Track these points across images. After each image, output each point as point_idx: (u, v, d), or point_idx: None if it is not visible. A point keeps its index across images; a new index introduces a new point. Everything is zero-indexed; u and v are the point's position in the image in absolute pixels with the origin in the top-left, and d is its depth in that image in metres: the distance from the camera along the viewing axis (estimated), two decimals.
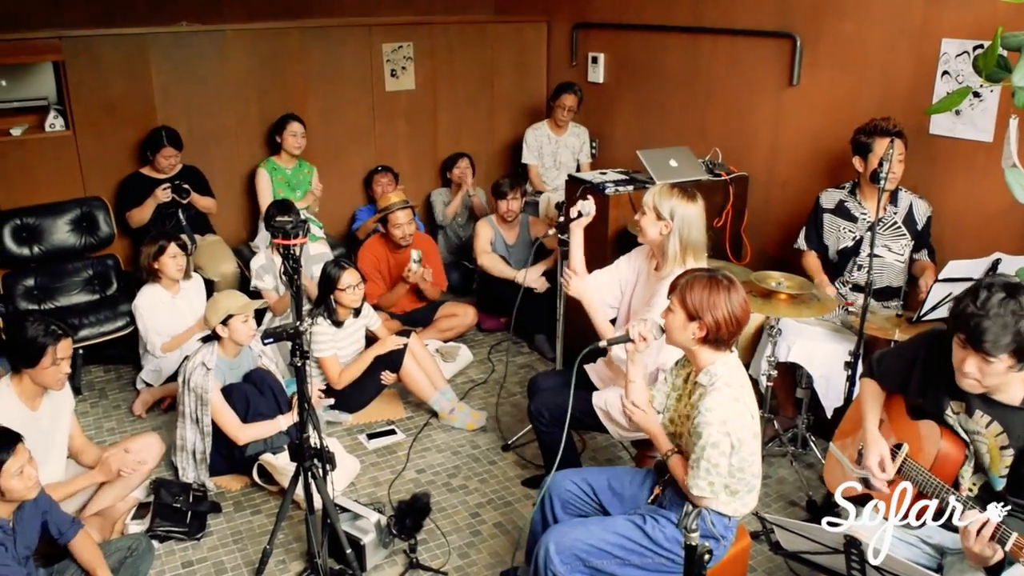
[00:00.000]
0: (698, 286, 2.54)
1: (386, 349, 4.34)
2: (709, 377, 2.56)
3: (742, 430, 2.48)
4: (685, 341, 2.59)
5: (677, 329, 2.58)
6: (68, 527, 2.93)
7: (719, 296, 2.51)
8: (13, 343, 3.15)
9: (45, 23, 5.28)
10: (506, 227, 5.52)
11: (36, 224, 4.99)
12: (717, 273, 2.58)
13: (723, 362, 2.57)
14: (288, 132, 5.52)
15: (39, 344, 3.09)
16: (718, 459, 2.47)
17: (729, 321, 2.51)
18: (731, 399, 2.49)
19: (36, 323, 3.15)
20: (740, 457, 2.50)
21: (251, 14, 5.98)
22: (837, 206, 4.06)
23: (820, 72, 4.53)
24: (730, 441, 2.46)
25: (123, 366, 5.07)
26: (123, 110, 5.26)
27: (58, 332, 3.14)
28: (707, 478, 2.50)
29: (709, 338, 2.54)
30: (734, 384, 2.53)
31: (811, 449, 4.00)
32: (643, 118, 5.82)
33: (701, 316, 2.51)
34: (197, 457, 3.81)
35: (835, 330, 3.94)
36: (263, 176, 5.57)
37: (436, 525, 3.60)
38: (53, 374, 3.16)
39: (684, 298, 2.54)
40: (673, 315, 2.58)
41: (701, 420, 2.47)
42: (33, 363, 3.12)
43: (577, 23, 6.24)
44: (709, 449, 2.46)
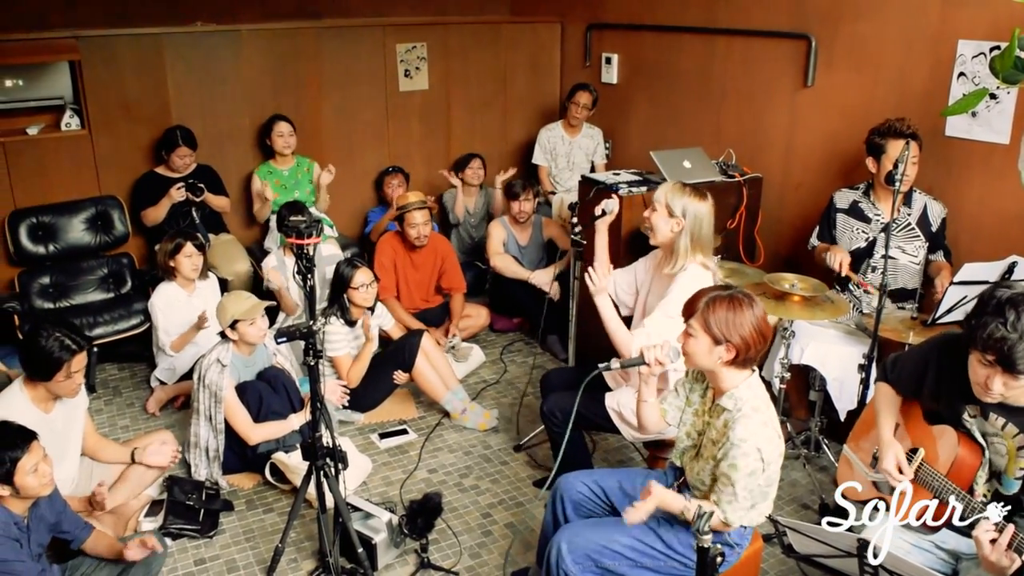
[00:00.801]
0: (721, 307, 2.44)
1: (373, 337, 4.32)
2: (735, 402, 2.49)
3: (772, 452, 2.45)
4: (710, 364, 2.49)
5: (702, 354, 2.48)
6: (80, 530, 2.95)
7: (743, 315, 2.43)
8: (27, 355, 3.14)
9: (62, 23, 5.32)
10: (519, 228, 5.51)
11: (52, 223, 5.03)
12: (736, 291, 2.50)
13: (747, 385, 2.50)
14: (275, 133, 5.51)
15: (55, 359, 3.08)
16: (752, 485, 2.44)
17: (757, 339, 2.44)
18: (760, 424, 2.43)
19: (52, 336, 3.09)
20: (767, 476, 2.47)
21: (266, 14, 6.00)
22: (851, 206, 4.04)
23: (835, 73, 4.50)
24: (763, 466, 2.43)
25: (137, 364, 5.10)
26: (138, 109, 5.28)
27: (73, 347, 3.12)
28: (743, 506, 2.46)
29: (738, 360, 2.46)
30: (761, 407, 2.47)
31: (824, 452, 3.98)
32: (657, 119, 5.81)
33: (728, 338, 2.42)
34: (210, 455, 3.83)
35: (849, 332, 3.92)
36: (255, 182, 5.59)
37: (447, 525, 3.60)
38: (67, 386, 3.16)
39: (707, 322, 2.44)
40: (695, 340, 2.48)
41: (736, 452, 2.40)
42: (48, 377, 3.11)
43: (591, 24, 6.24)
44: (746, 479, 2.41)
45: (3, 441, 2.60)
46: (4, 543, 2.58)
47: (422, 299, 5.26)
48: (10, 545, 2.59)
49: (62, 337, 3.10)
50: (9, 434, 2.64)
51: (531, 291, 5.29)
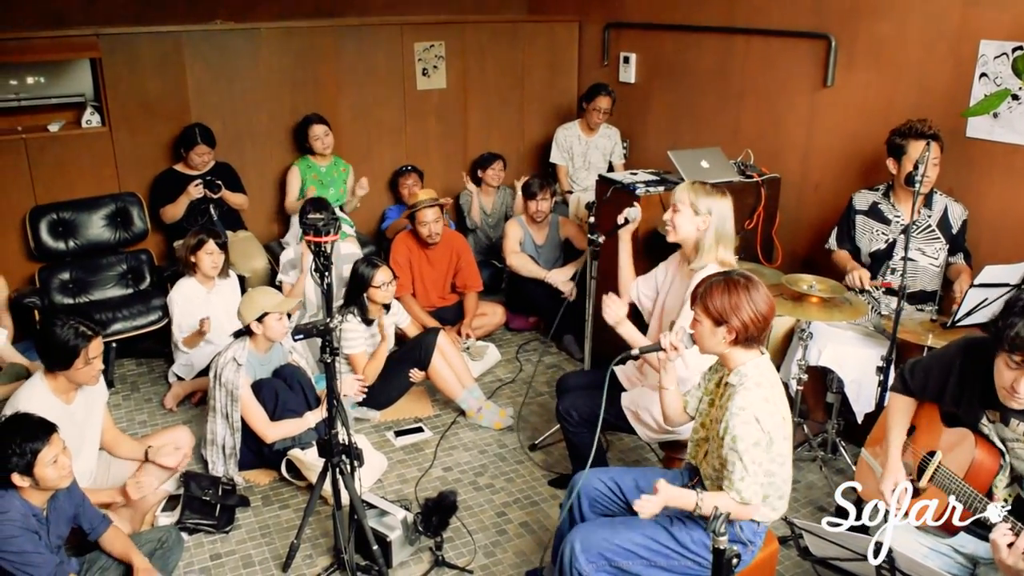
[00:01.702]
0: (717, 291, 2.52)
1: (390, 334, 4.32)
2: (739, 377, 2.53)
3: (774, 429, 2.45)
4: (717, 347, 2.57)
5: (707, 337, 2.57)
6: (99, 523, 2.97)
7: (740, 296, 2.49)
8: (45, 347, 3.18)
9: (83, 21, 5.36)
10: (535, 227, 5.51)
11: (72, 219, 5.07)
12: (732, 273, 2.57)
13: (754, 364, 2.55)
14: (312, 136, 5.56)
15: (71, 347, 3.12)
16: (760, 457, 2.43)
17: (756, 319, 2.49)
18: (761, 399, 2.46)
19: (65, 326, 3.15)
20: (770, 458, 2.47)
21: (285, 13, 6.03)
22: (870, 208, 4.02)
23: (855, 73, 4.48)
24: (766, 436, 2.43)
25: (155, 360, 5.14)
26: (158, 107, 5.32)
27: (88, 333, 3.16)
28: (756, 480, 2.44)
29: (739, 339, 2.52)
30: (764, 384, 2.50)
31: (841, 454, 3.96)
32: (674, 118, 5.80)
33: (727, 320, 2.49)
34: (227, 451, 3.85)
35: (867, 334, 3.89)
36: (294, 173, 5.63)
37: (462, 523, 3.61)
38: (87, 373, 3.20)
39: (706, 306, 2.53)
40: (700, 325, 2.57)
41: (735, 421, 2.43)
42: (67, 365, 3.15)
43: (609, 23, 6.23)
44: (752, 450, 2.42)
45: (24, 433, 2.63)
46: (23, 535, 2.60)
47: (438, 296, 5.27)
48: (28, 537, 2.62)
49: (76, 325, 3.15)
50: (30, 426, 2.67)
51: (547, 290, 5.29)
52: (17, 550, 2.58)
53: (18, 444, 2.59)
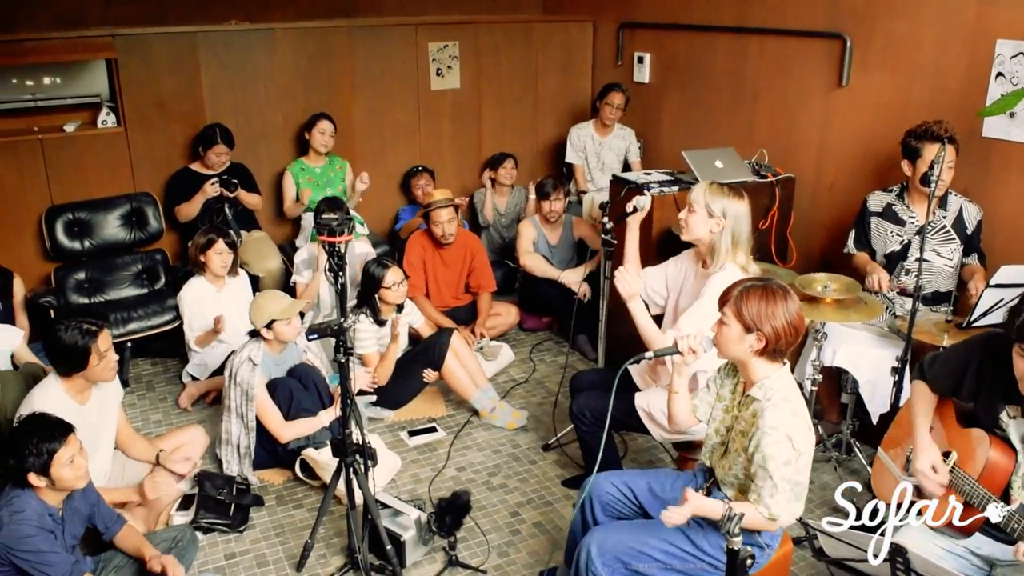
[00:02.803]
0: (753, 297, 2.45)
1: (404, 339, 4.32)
2: (764, 392, 2.48)
3: (803, 442, 2.42)
4: (741, 354, 2.51)
5: (732, 342, 2.50)
6: (113, 522, 2.99)
7: (776, 306, 2.44)
8: (55, 355, 3.18)
9: (99, 22, 5.39)
10: (549, 227, 5.51)
11: (87, 219, 5.10)
12: (771, 283, 2.50)
13: (778, 376, 2.50)
14: (317, 130, 5.56)
15: (81, 347, 3.12)
16: (790, 474, 2.41)
17: (788, 331, 2.44)
18: (790, 414, 2.42)
19: (69, 328, 3.14)
20: (796, 468, 2.45)
21: (299, 13, 6.05)
22: (885, 209, 4.00)
23: (870, 73, 4.46)
24: (796, 455, 2.40)
25: (170, 359, 5.17)
26: (173, 107, 5.34)
27: (93, 328, 3.17)
28: (785, 496, 2.41)
29: (767, 350, 2.46)
30: (791, 398, 2.47)
31: (856, 455, 3.94)
32: (689, 118, 5.78)
33: (759, 327, 2.43)
34: (241, 451, 3.86)
35: (882, 335, 3.88)
36: (287, 179, 5.63)
37: (476, 523, 3.61)
38: (104, 368, 3.21)
39: (739, 310, 2.46)
40: (728, 328, 2.50)
41: (767, 440, 2.39)
42: (82, 366, 3.16)
43: (623, 23, 6.22)
44: (783, 468, 2.39)
45: (41, 433, 2.64)
46: (39, 534, 2.62)
47: (452, 296, 5.28)
48: (44, 536, 2.63)
49: (79, 324, 3.16)
50: (47, 426, 2.69)
51: (561, 290, 5.29)
52: (33, 549, 2.60)
53: (35, 444, 2.61)
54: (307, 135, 5.59)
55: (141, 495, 3.32)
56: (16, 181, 4.99)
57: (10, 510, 2.63)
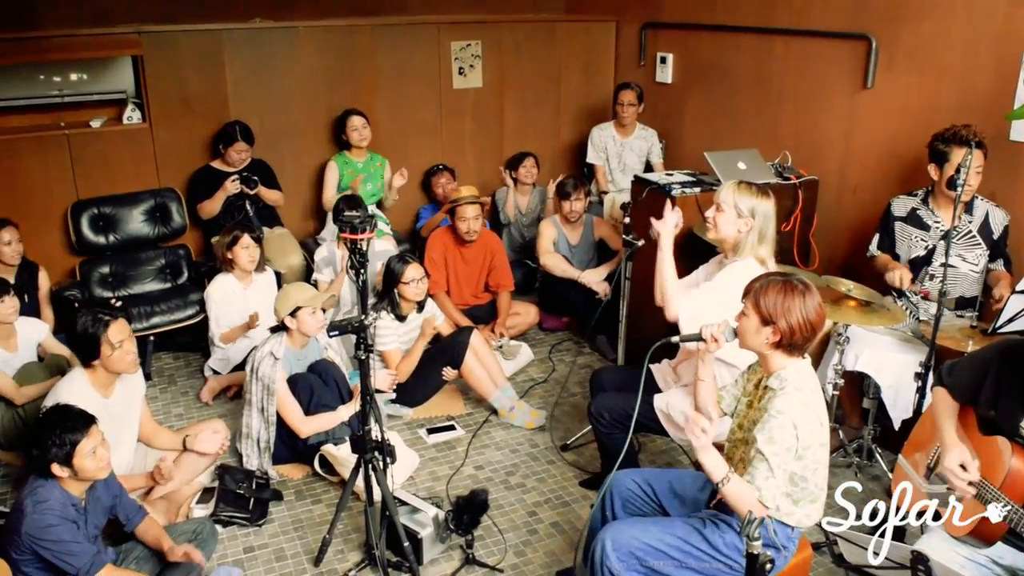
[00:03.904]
0: (772, 290, 2.48)
1: (428, 335, 4.36)
2: (779, 381, 2.51)
3: (809, 436, 2.42)
4: (758, 345, 2.54)
5: (750, 333, 2.53)
6: (135, 513, 3.02)
7: (793, 301, 2.46)
8: (73, 342, 3.27)
9: (125, 19, 5.44)
10: (570, 227, 5.50)
11: (112, 214, 5.15)
12: (792, 277, 2.52)
13: (795, 368, 2.52)
14: (350, 127, 5.60)
15: (91, 336, 3.20)
16: (788, 463, 2.41)
17: (803, 327, 2.46)
18: (801, 404, 2.44)
19: (83, 316, 3.24)
20: (803, 464, 2.45)
21: (323, 11, 6.08)
22: (909, 214, 3.96)
23: (896, 75, 4.42)
24: (797, 447, 2.41)
25: (192, 353, 5.21)
26: (197, 104, 5.38)
27: (104, 318, 3.24)
28: (778, 484, 2.42)
29: (783, 343, 2.49)
30: (804, 389, 2.48)
31: (877, 461, 3.90)
32: (711, 119, 5.76)
33: (775, 321, 2.46)
34: (261, 445, 3.89)
35: (905, 340, 3.84)
36: (332, 169, 5.67)
37: (493, 522, 3.61)
38: (120, 359, 3.25)
39: (758, 302, 2.49)
40: (747, 319, 2.54)
41: (773, 423, 2.41)
42: (96, 354, 3.22)
43: (646, 23, 6.20)
44: (783, 454, 2.40)
45: (64, 423, 2.68)
46: (62, 524, 2.65)
47: (471, 295, 5.29)
48: (67, 526, 2.66)
49: (92, 313, 3.25)
50: (70, 417, 2.72)
51: (581, 290, 5.28)
52: (56, 539, 2.63)
53: (58, 435, 2.64)
54: (344, 136, 5.63)
55: (156, 474, 3.36)
56: (43, 175, 5.04)
57: (34, 499, 2.66)
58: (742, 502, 2.43)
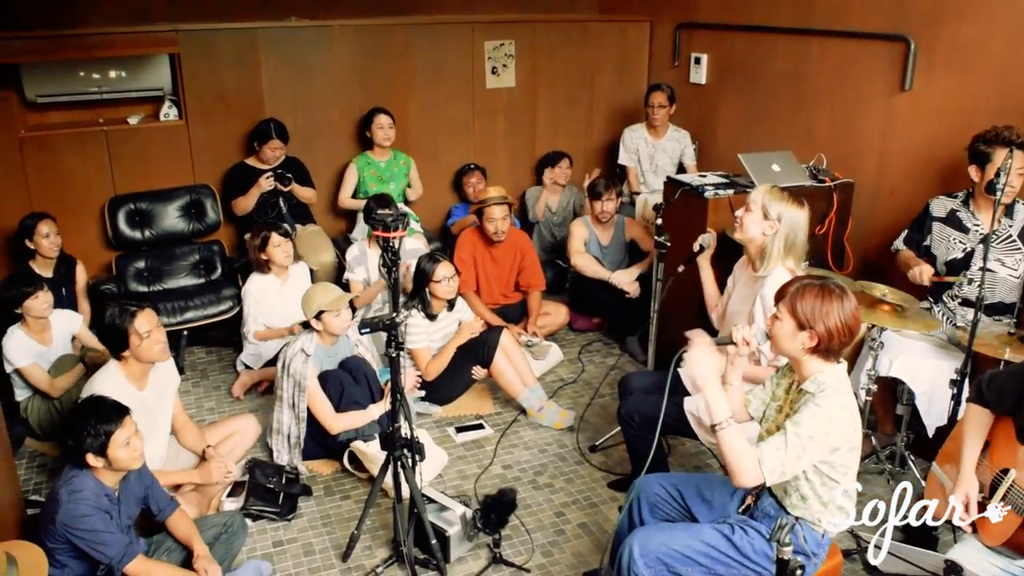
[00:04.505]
0: (809, 294, 2.44)
1: (464, 339, 4.37)
2: (817, 385, 2.47)
3: (840, 438, 2.39)
4: (793, 350, 2.50)
5: (785, 337, 2.49)
6: (166, 504, 3.06)
7: (831, 305, 2.42)
8: (103, 334, 3.33)
9: (163, 17, 5.51)
10: (601, 228, 5.48)
11: (148, 209, 5.22)
12: (829, 281, 2.49)
13: (832, 372, 2.48)
14: (376, 125, 5.61)
15: (119, 327, 3.26)
16: (805, 451, 2.36)
17: (841, 331, 2.42)
18: (841, 405, 2.41)
19: (112, 308, 3.31)
20: (831, 467, 2.42)
21: (357, 10, 6.10)
22: (948, 215, 3.90)
23: (935, 77, 4.35)
24: (824, 443, 2.37)
25: (224, 348, 5.26)
26: (233, 101, 5.44)
27: (131, 308, 3.29)
28: (783, 462, 2.36)
29: (820, 348, 2.45)
30: (843, 392, 2.45)
31: (910, 469, 3.85)
32: (746, 121, 5.71)
33: (812, 325, 2.42)
34: (291, 441, 3.91)
35: (941, 346, 3.79)
36: (351, 171, 5.69)
37: (521, 522, 3.61)
38: (148, 348, 3.30)
39: (794, 306, 2.45)
40: (781, 323, 2.49)
41: (807, 411, 2.38)
42: (124, 345, 3.28)
43: (681, 23, 6.16)
44: (805, 439, 2.36)
45: (98, 415, 2.72)
46: (95, 514, 2.69)
47: (501, 294, 5.29)
48: (100, 516, 2.71)
49: (120, 305, 3.32)
50: (104, 408, 2.76)
51: (611, 291, 5.26)
52: (89, 528, 2.67)
53: (92, 425, 2.69)
54: (368, 133, 5.65)
55: (201, 477, 3.41)
56: (81, 171, 5.13)
57: (68, 489, 2.70)
58: (735, 456, 2.38)
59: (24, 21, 5.16)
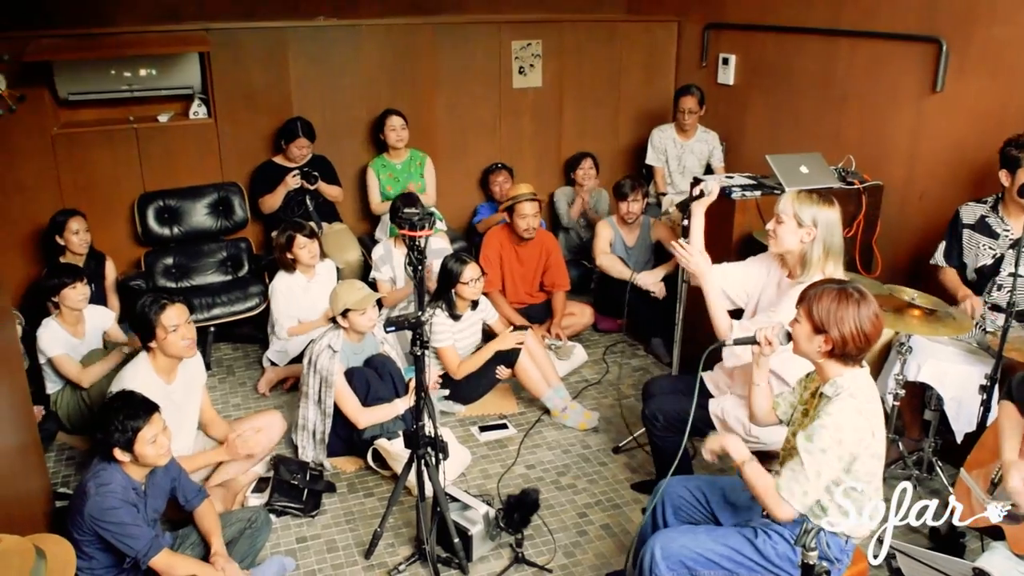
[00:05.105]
0: (826, 298, 2.43)
1: (506, 346, 4.38)
2: (834, 388, 2.45)
3: (856, 444, 2.37)
4: (811, 353, 2.50)
5: (803, 340, 2.49)
6: (194, 495, 3.09)
7: (847, 310, 2.39)
8: (132, 322, 3.38)
9: (193, 16, 5.56)
10: (626, 228, 5.47)
11: (177, 206, 5.27)
12: (848, 286, 2.46)
13: (851, 375, 2.46)
14: (387, 127, 5.61)
15: (147, 319, 3.29)
16: (821, 467, 2.35)
17: (856, 337, 2.39)
18: (854, 410, 2.38)
19: (145, 297, 3.35)
20: (855, 477, 2.39)
21: (385, 10, 6.13)
22: (978, 221, 3.85)
23: (967, 79, 4.30)
24: (839, 453, 2.35)
25: (250, 345, 5.30)
26: (261, 100, 5.48)
27: (162, 300, 3.33)
28: (804, 485, 2.37)
29: (835, 353, 2.44)
30: (860, 397, 2.42)
31: (937, 475, 3.80)
32: (774, 122, 5.67)
33: (827, 330, 2.41)
34: (316, 437, 3.94)
35: (970, 351, 3.74)
36: (370, 177, 5.70)
37: (543, 522, 3.61)
38: (174, 342, 3.33)
39: (811, 310, 2.45)
40: (799, 326, 2.50)
41: (818, 423, 2.38)
42: (152, 336, 3.31)
43: (709, 23, 6.13)
44: (817, 454, 2.35)
45: (127, 410, 2.75)
46: (122, 507, 2.72)
47: (526, 293, 5.29)
48: (127, 509, 2.74)
49: (151, 296, 3.36)
50: (133, 404, 2.79)
51: (636, 292, 5.24)
52: (117, 521, 2.70)
53: (120, 421, 2.72)
54: (381, 135, 5.66)
55: (230, 452, 3.46)
56: (111, 168, 5.18)
57: (96, 482, 2.74)
58: (759, 487, 2.45)
59: (57, 20, 5.24)
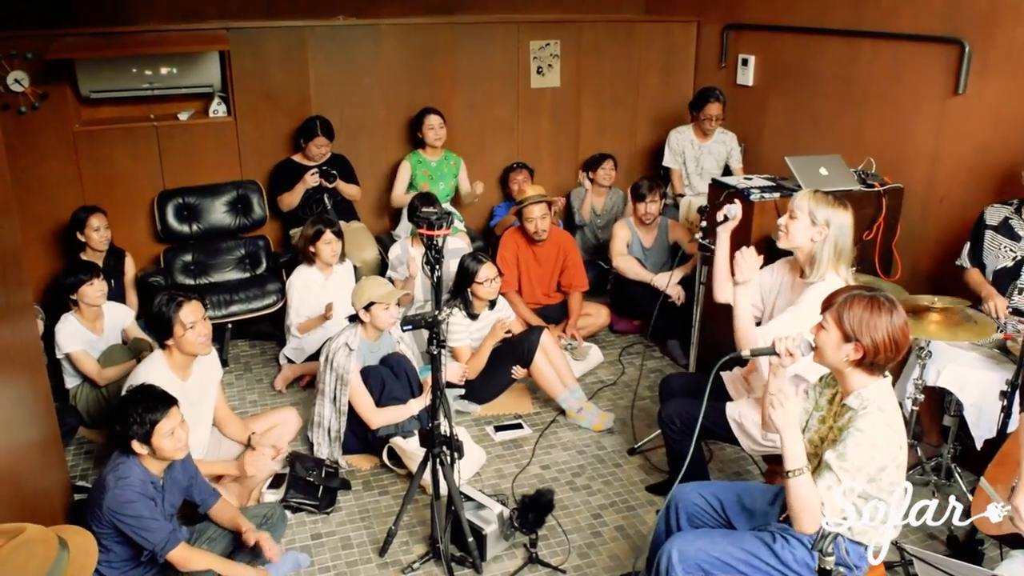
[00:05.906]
0: (858, 306, 2.37)
1: (498, 337, 4.37)
2: (860, 401, 2.41)
3: (886, 458, 2.34)
4: (837, 362, 2.44)
5: (830, 349, 2.43)
6: (209, 496, 3.11)
7: (880, 318, 2.35)
8: (149, 320, 3.39)
9: (214, 15, 5.59)
10: (644, 229, 5.45)
11: (196, 204, 5.30)
12: (879, 293, 2.41)
13: (876, 386, 2.42)
14: (426, 126, 5.63)
15: (165, 317, 3.31)
16: (856, 484, 2.33)
17: (888, 346, 2.35)
18: (884, 424, 2.35)
19: (161, 296, 3.37)
20: (878, 487, 2.37)
21: (405, 9, 6.14)
22: (1001, 223, 3.82)
23: (990, 81, 4.26)
24: (870, 469, 2.33)
25: (267, 342, 5.32)
26: (281, 99, 5.50)
27: (179, 298, 3.35)
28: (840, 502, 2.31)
29: (865, 362, 2.39)
30: (887, 409, 2.38)
31: (956, 481, 3.77)
32: (793, 123, 5.64)
33: (859, 338, 2.36)
34: (332, 435, 3.95)
35: (991, 356, 3.70)
36: (404, 167, 5.71)
37: (558, 522, 3.60)
38: (191, 340, 3.35)
39: (840, 317, 2.39)
40: (827, 333, 2.43)
41: (850, 440, 2.34)
42: (169, 334, 3.33)
43: (728, 24, 6.11)
44: (854, 472, 2.32)
45: (145, 403, 2.77)
46: (141, 500, 2.74)
47: (543, 293, 5.29)
48: (146, 503, 2.76)
49: (168, 294, 3.38)
50: (151, 397, 2.82)
51: (653, 293, 5.23)
52: (135, 514, 2.72)
53: (139, 414, 2.74)
54: (419, 133, 5.67)
55: (239, 469, 3.44)
56: (132, 165, 5.22)
57: (116, 475, 2.76)
58: (803, 505, 2.33)
59: (80, 19, 5.28)
